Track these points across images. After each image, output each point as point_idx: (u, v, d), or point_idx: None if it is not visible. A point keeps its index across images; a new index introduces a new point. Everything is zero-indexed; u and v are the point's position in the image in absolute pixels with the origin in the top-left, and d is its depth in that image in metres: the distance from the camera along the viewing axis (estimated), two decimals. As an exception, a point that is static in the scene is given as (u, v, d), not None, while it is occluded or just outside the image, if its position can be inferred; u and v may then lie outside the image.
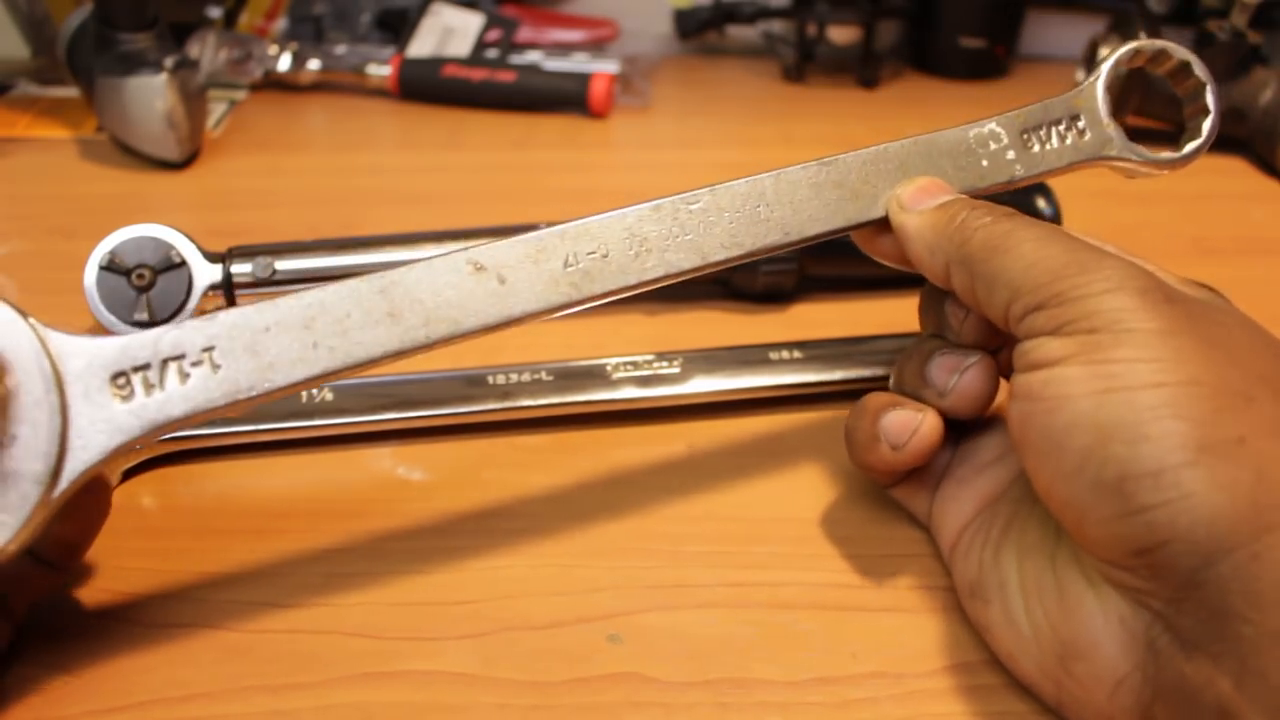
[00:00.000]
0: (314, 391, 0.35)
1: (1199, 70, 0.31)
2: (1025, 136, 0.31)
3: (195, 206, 0.54)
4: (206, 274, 0.37)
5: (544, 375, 0.36)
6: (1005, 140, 0.31)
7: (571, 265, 0.27)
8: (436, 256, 0.26)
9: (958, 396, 0.29)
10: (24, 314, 0.24)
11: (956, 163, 0.30)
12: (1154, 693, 0.23)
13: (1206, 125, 0.31)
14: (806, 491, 0.34)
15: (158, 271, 0.37)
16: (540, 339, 0.42)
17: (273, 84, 0.69)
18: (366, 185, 0.57)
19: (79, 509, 0.26)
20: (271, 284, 0.38)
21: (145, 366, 0.24)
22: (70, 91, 0.65)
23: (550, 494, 0.34)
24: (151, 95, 0.53)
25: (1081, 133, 0.31)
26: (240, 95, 0.68)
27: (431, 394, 0.35)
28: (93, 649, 0.27)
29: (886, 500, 0.33)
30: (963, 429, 0.32)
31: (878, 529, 0.32)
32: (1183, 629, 0.22)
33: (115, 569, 0.30)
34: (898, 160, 0.30)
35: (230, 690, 0.26)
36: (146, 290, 0.36)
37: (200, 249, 0.38)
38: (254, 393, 0.25)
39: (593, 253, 0.27)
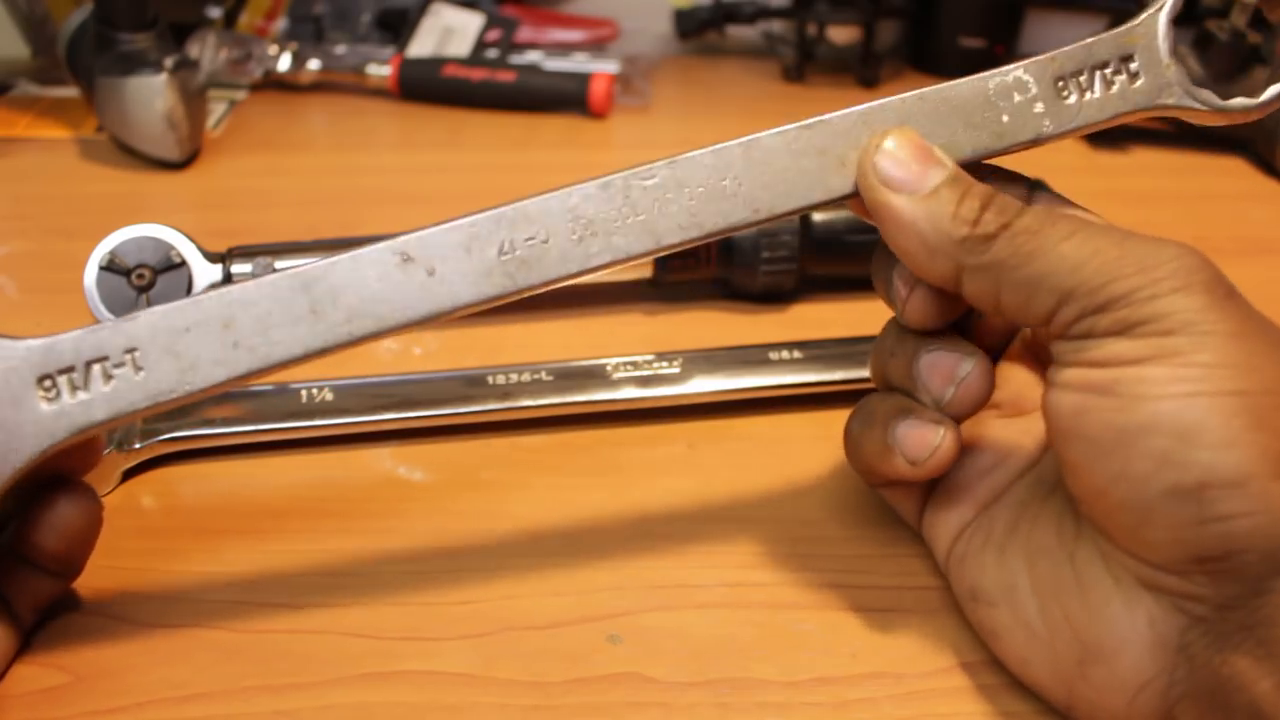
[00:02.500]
0: (314, 391, 0.35)
1: None
2: (1060, 84, 0.26)
3: (195, 206, 0.54)
4: (206, 274, 0.37)
5: (544, 375, 0.36)
6: (1034, 90, 0.26)
7: (507, 254, 0.25)
8: (363, 248, 0.25)
9: (958, 406, 0.27)
10: None
11: (972, 120, 0.26)
12: (1181, 694, 0.22)
13: None
14: (806, 491, 0.34)
15: (158, 271, 0.37)
16: (540, 339, 0.42)
17: (273, 84, 0.69)
18: (366, 185, 0.57)
19: (62, 522, 0.26)
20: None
21: (70, 369, 0.24)
22: (70, 91, 0.65)
23: (550, 494, 0.34)
24: (151, 95, 0.53)
25: (1134, 76, 0.26)
26: (240, 95, 0.68)
27: (431, 394, 0.35)
28: (92, 649, 0.27)
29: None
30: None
31: (878, 529, 0.32)
32: (1225, 632, 0.22)
33: (115, 569, 0.30)
34: (898, 119, 0.26)
35: (230, 690, 0.26)
36: (146, 290, 0.36)
37: (200, 249, 0.38)
38: (174, 395, 0.24)
39: (531, 239, 0.25)
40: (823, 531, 0.32)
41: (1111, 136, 0.65)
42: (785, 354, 0.38)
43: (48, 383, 0.24)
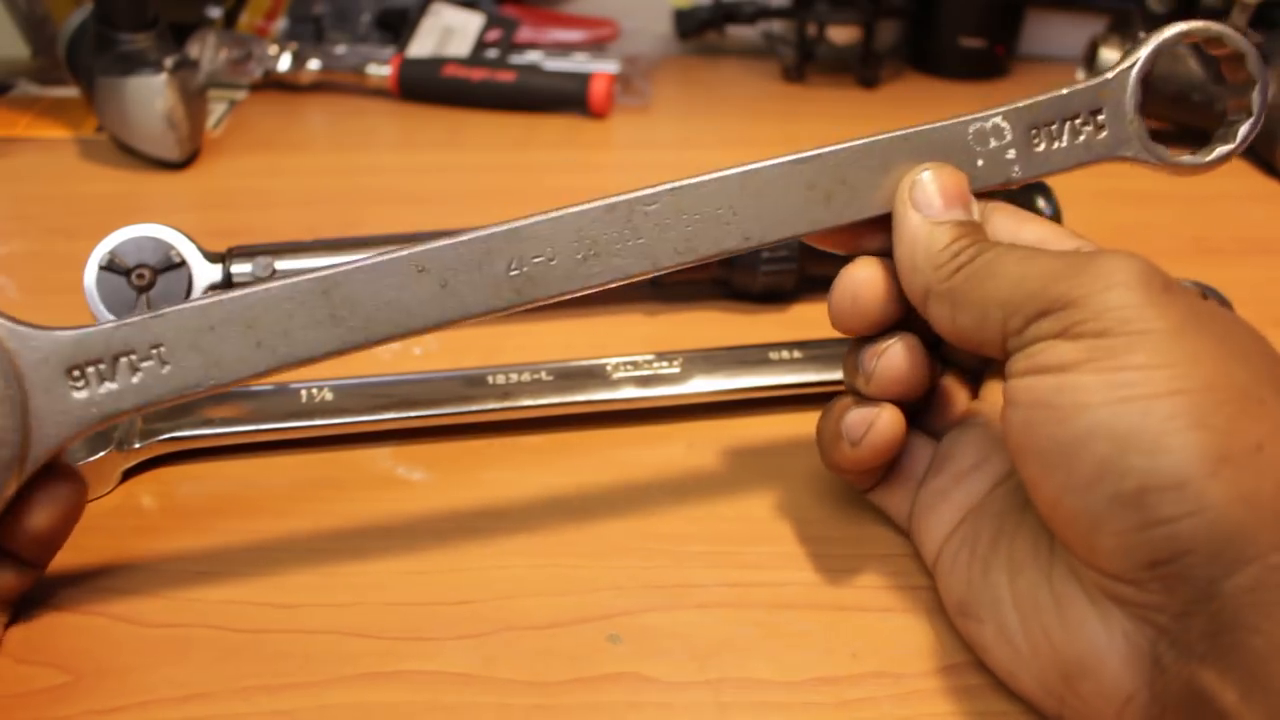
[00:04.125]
0: (314, 391, 0.35)
1: (1253, 66, 0.28)
2: (1033, 133, 0.28)
3: (195, 206, 0.54)
4: (206, 274, 0.37)
5: (544, 375, 0.36)
6: (1009, 137, 0.28)
7: (515, 271, 0.27)
8: (382, 257, 0.26)
9: (879, 380, 0.28)
10: None
11: (948, 160, 0.28)
12: (1162, 708, 0.22)
13: (1243, 130, 0.29)
14: (807, 491, 0.34)
15: (158, 271, 0.37)
16: (540, 339, 0.42)
17: (273, 84, 0.69)
18: (366, 185, 0.57)
19: (54, 501, 0.26)
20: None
21: (98, 361, 0.25)
22: (70, 91, 0.65)
23: (550, 494, 0.34)
24: (151, 95, 0.53)
25: (1099, 128, 0.28)
26: (240, 95, 0.68)
27: (431, 394, 0.35)
28: (93, 649, 0.27)
29: (886, 500, 0.33)
30: (940, 433, 0.31)
31: (878, 529, 0.32)
32: (1189, 642, 0.22)
33: (115, 569, 0.30)
34: (881, 158, 0.28)
35: (230, 690, 0.26)
36: (146, 290, 0.36)
37: (200, 249, 0.38)
38: (199, 388, 0.26)
39: (538, 257, 0.27)
40: (823, 531, 0.32)
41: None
42: (785, 354, 0.38)
43: (76, 373, 0.25)
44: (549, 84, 0.67)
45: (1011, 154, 0.28)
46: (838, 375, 0.37)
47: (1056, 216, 0.44)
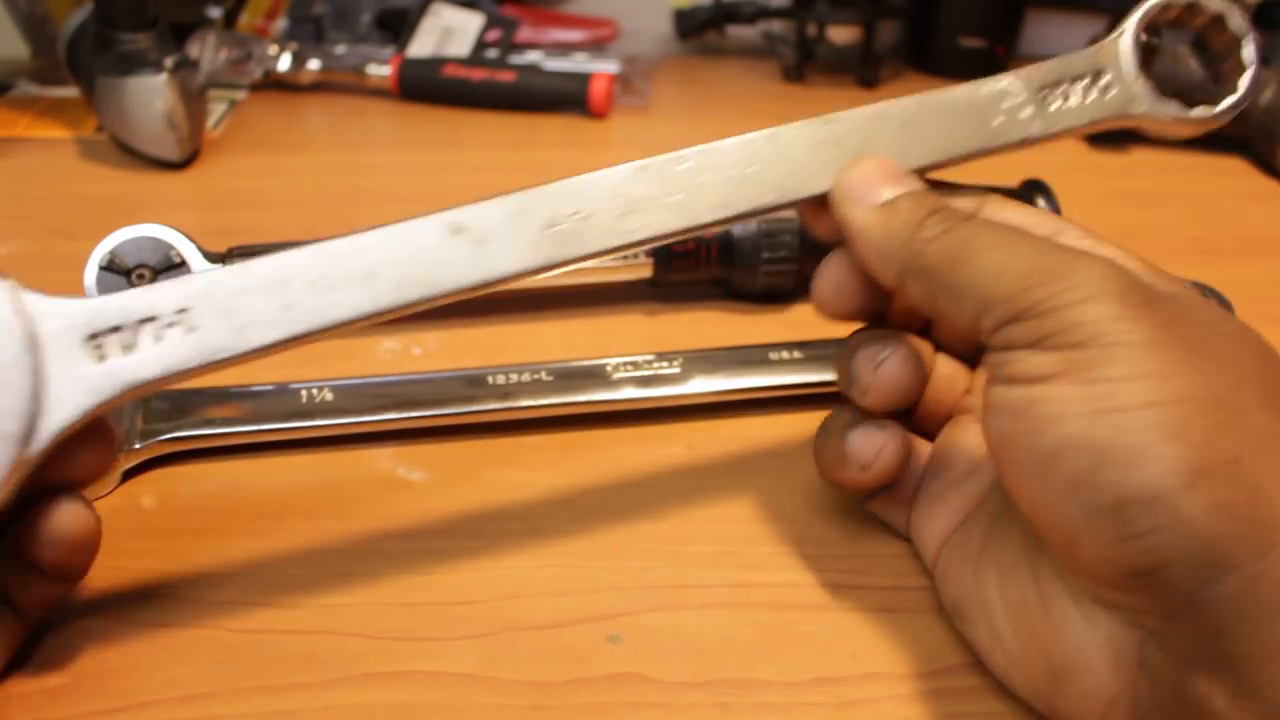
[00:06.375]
0: (314, 391, 0.35)
1: (1234, 23, 0.29)
2: (1043, 93, 0.29)
3: (195, 206, 0.54)
4: (206, 274, 0.37)
5: (544, 375, 0.36)
6: (1022, 97, 0.29)
7: (553, 226, 0.26)
8: (416, 219, 0.26)
9: (878, 393, 0.28)
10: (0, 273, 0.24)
11: (967, 122, 0.28)
12: (1148, 710, 0.22)
13: (1245, 80, 0.29)
14: (807, 491, 0.34)
15: (158, 271, 0.37)
16: (540, 339, 0.42)
17: (273, 84, 0.69)
18: (366, 185, 0.57)
19: (56, 535, 0.25)
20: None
21: (119, 328, 0.24)
22: (70, 91, 0.65)
23: (550, 494, 0.34)
24: (151, 95, 0.53)
25: (1106, 89, 0.29)
26: (240, 95, 0.68)
27: (431, 394, 0.35)
28: (93, 649, 0.27)
29: (887, 500, 0.33)
30: (933, 431, 0.31)
31: (879, 529, 0.32)
32: (1177, 646, 0.22)
33: (115, 569, 0.30)
34: (901, 119, 0.28)
35: (230, 690, 0.26)
36: (146, 290, 0.36)
37: (200, 249, 0.38)
38: (227, 354, 0.25)
39: (576, 213, 0.26)
40: (823, 531, 0.32)
41: (1112, 137, 0.65)
42: (785, 354, 0.38)
43: (96, 341, 0.24)
44: (549, 84, 0.67)
45: (1028, 112, 0.29)
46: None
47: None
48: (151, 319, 0.24)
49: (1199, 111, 0.29)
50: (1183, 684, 0.21)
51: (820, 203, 0.28)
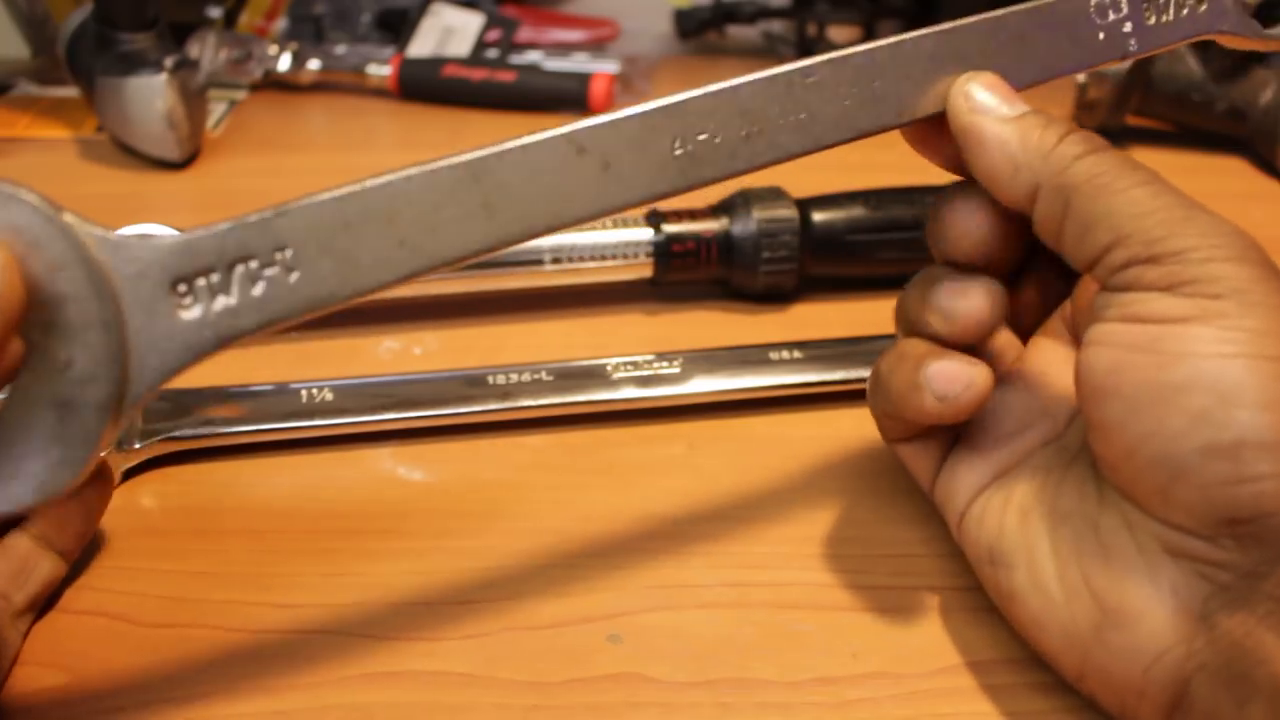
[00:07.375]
0: (314, 391, 0.35)
1: None
2: (1145, 6, 0.29)
3: (195, 206, 0.54)
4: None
5: (544, 375, 0.36)
6: (1125, 10, 0.28)
7: (680, 149, 0.24)
8: (535, 136, 0.23)
9: (962, 320, 0.27)
10: (59, 209, 0.20)
11: (1073, 35, 0.28)
12: (1199, 665, 0.22)
13: None
14: (807, 491, 0.34)
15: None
16: (540, 339, 0.42)
17: (273, 84, 0.69)
18: (366, 185, 0.57)
19: (84, 495, 0.26)
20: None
21: (210, 270, 0.21)
22: (70, 91, 0.65)
23: (550, 494, 0.34)
24: (151, 95, 0.53)
25: (1200, 2, 0.29)
26: (240, 95, 0.68)
27: (431, 394, 0.35)
28: (93, 649, 0.27)
29: (888, 500, 0.33)
30: None
31: (879, 529, 0.32)
32: (1251, 601, 0.22)
33: (115, 569, 0.30)
34: (1015, 31, 0.27)
35: (230, 690, 0.26)
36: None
37: (200, 249, 0.38)
38: (335, 299, 0.22)
39: (702, 134, 0.25)
40: (823, 531, 0.32)
41: (1112, 137, 0.65)
42: (785, 354, 0.38)
43: (184, 287, 0.21)
44: (549, 84, 0.67)
45: (1128, 27, 0.28)
46: (838, 375, 0.37)
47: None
48: (246, 258, 0.21)
49: (1277, 30, 0.30)
50: (1250, 640, 0.21)
51: (930, 124, 0.27)
